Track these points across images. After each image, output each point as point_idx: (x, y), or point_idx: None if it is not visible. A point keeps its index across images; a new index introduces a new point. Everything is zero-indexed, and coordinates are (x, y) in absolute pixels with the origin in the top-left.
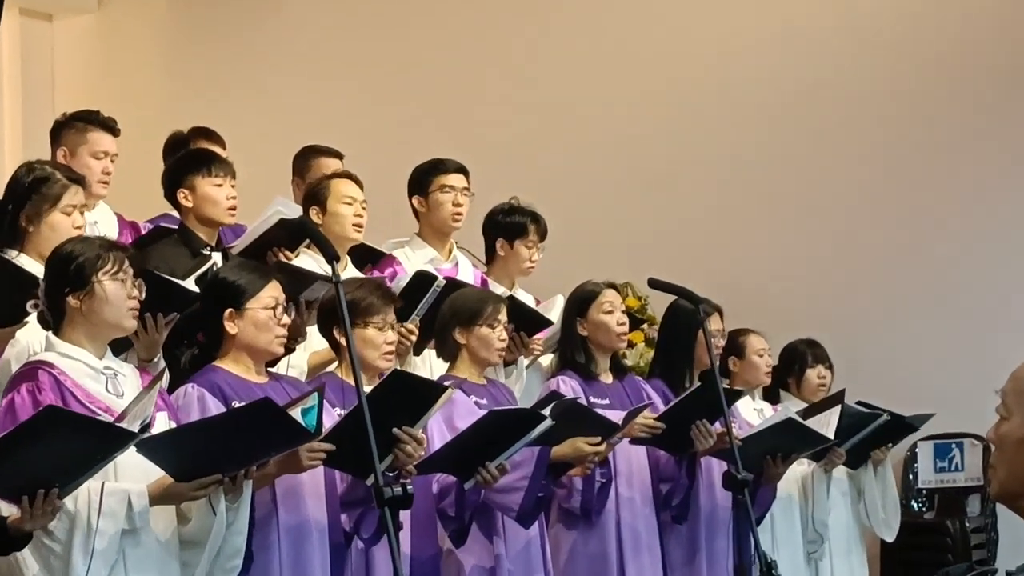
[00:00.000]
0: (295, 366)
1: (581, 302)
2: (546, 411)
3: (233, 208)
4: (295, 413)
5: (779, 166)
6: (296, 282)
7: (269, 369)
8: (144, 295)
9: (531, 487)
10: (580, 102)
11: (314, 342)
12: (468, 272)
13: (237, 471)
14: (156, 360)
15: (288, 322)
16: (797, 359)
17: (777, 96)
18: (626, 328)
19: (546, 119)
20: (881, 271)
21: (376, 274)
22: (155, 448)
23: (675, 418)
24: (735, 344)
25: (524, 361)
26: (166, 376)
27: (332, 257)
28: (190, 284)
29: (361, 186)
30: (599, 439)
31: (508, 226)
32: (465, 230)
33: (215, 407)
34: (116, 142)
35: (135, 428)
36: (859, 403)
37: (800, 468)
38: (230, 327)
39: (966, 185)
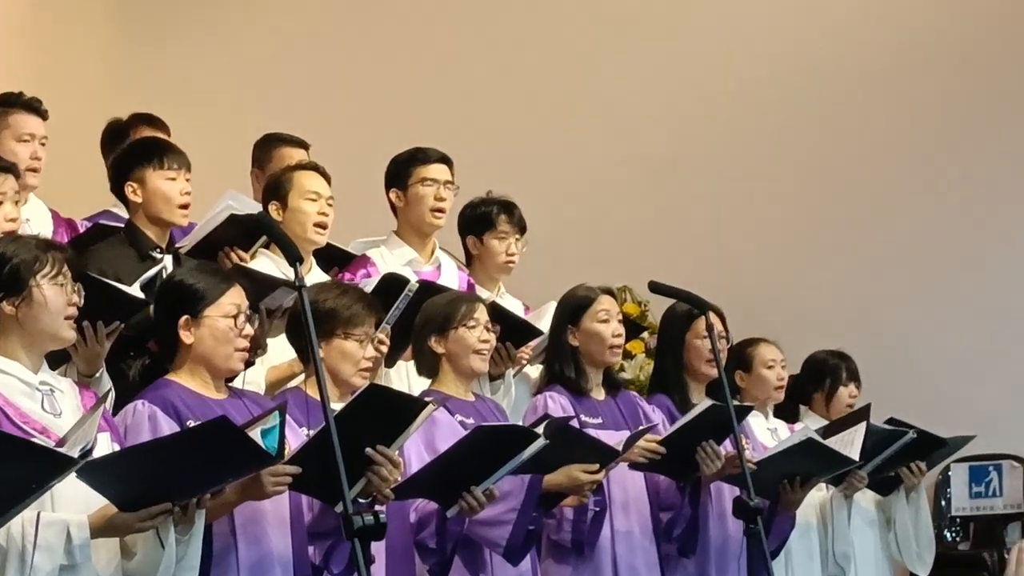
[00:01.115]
0: (252, 382)
1: (573, 309)
2: (540, 428)
3: (186, 206)
4: (254, 434)
5: (795, 155)
6: (256, 288)
7: (229, 384)
8: (83, 302)
9: (520, 520)
10: (574, 87)
11: (271, 356)
12: (452, 275)
13: (189, 499)
14: (98, 375)
15: (250, 332)
16: (829, 373)
17: (795, 78)
18: (622, 340)
19: (537, 106)
20: (910, 274)
21: (347, 278)
22: (97, 474)
23: (679, 442)
24: (742, 356)
25: (511, 375)
26: (112, 391)
27: (295, 259)
28: (135, 290)
29: (328, 180)
30: (596, 466)
31: (475, 220)
32: (450, 230)
33: (168, 427)
34: (45, 126)
35: (75, 453)
36: (889, 421)
37: (819, 494)
38: (185, 336)
39: (1010, 179)
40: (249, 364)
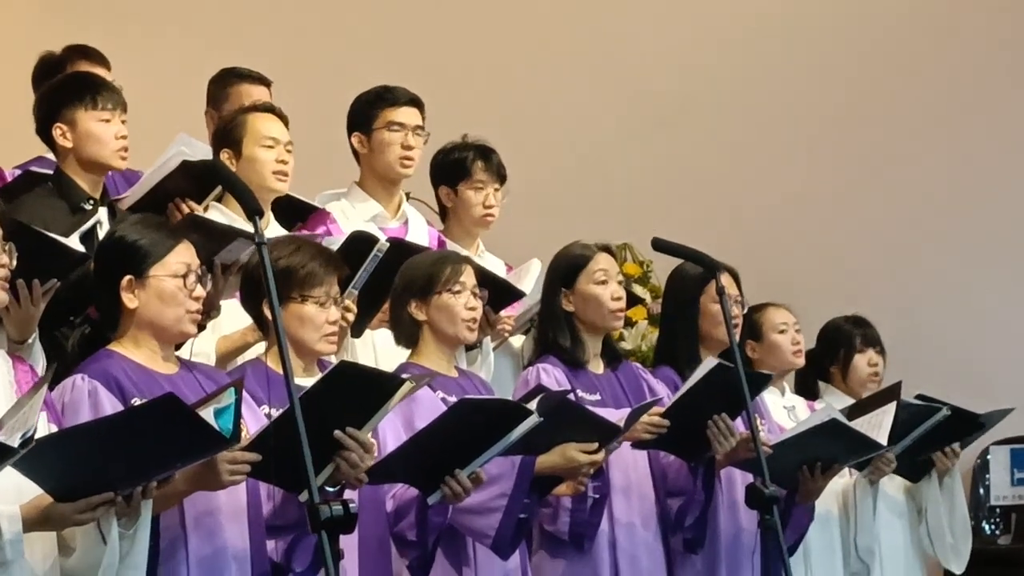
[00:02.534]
0: (200, 353)
1: (567, 270)
2: (533, 403)
3: (124, 149)
4: (207, 414)
5: (812, 101)
6: (211, 240)
7: (179, 356)
8: (15, 262)
9: (510, 507)
10: (565, 16)
11: (222, 323)
12: (421, 231)
13: (133, 488)
14: (30, 342)
15: (202, 294)
16: (841, 342)
17: (821, 14)
18: (623, 304)
19: (520, 38)
20: (943, 233)
21: (305, 234)
22: (30, 459)
23: (686, 413)
24: (750, 324)
25: (490, 343)
26: (42, 357)
27: (253, 211)
28: (75, 242)
29: (286, 122)
30: (595, 446)
31: (449, 168)
32: (420, 180)
33: (111, 405)
34: None
35: (15, 442)
36: (919, 397)
37: (840, 480)
38: (128, 300)
39: None
40: (200, 328)
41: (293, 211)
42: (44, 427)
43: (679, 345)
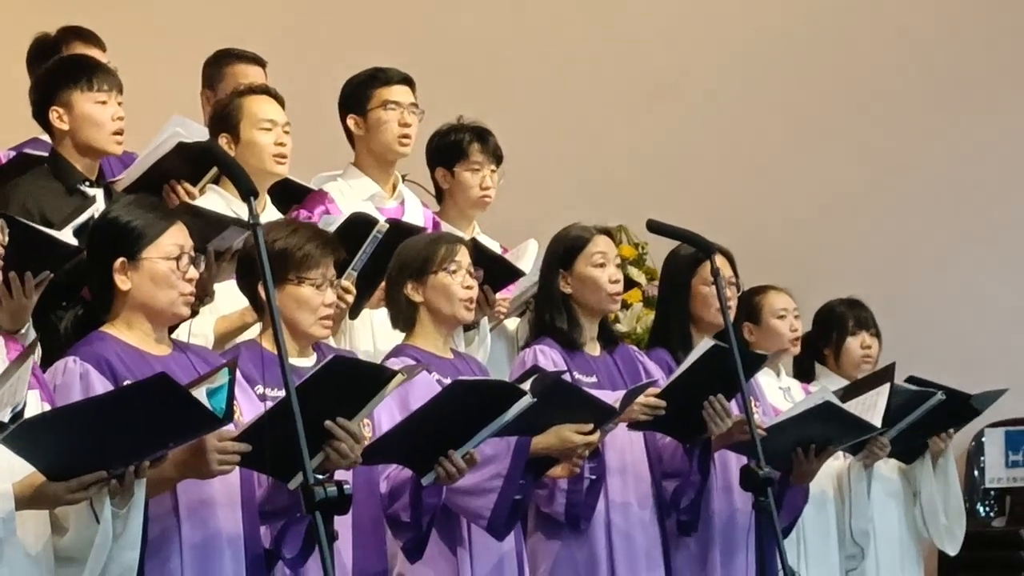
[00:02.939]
0: (198, 335)
1: (565, 252)
2: (527, 384)
3: (119, 132)
4: (199, 393)
5: (809, 83)
6: (205, 227)
7: (174, 337)
8: (7, 247)
9: (506, 488)
10: (561, 2)
11: (220, 305)
12: (417, 212)
13: (125, 467)
14: (23, 332)
15: (195, 276)
16: (835, 324)
17: None
18: (620, 287)
19: (515, 17)
20: (939, 215)
21: (303, 216)
22: (22, 438)
23: (682, 394)
24: (749, 306)
25: (487, 324)
26: (39, 348)
27: (249, 193)
28: (67, 235)
29: (282, 103)
30: (590, 426)
31: (445, 149)
32: (415, 159)
33: (102, 387)
34: None
35: (5, 417)
36: (910, 379)
37: (835, 463)
38: (121, 282)
39: None
40: (194, 313)
41: (289, 194)
42: (37, 406)
43: (672, 327)
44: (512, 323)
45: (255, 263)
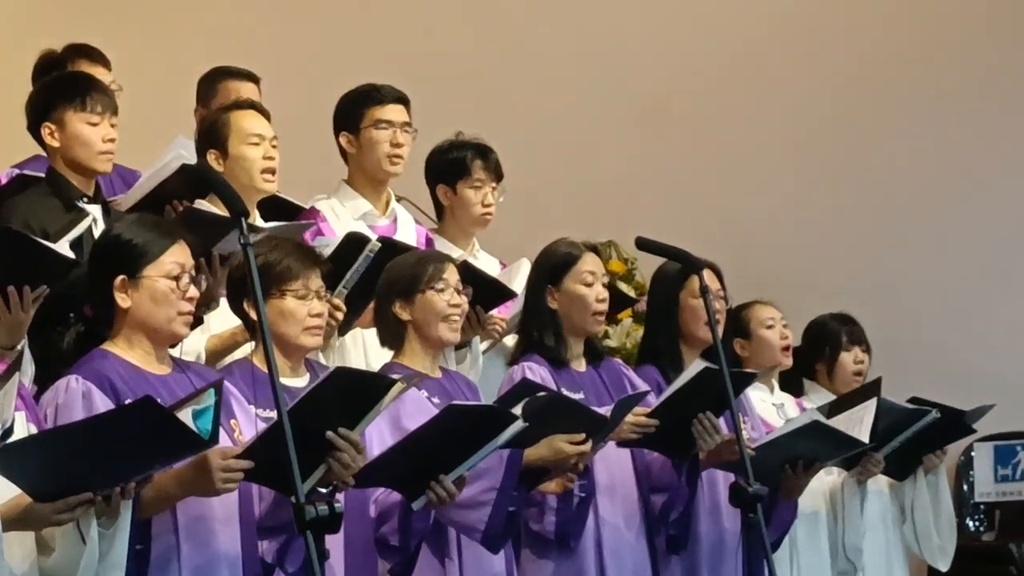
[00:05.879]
0: (189, 352)
1: (554, 268)
2: (518, 407)
3: (108, 153)
4: (185, 415)
5: (799, 99)
6: (208, 232)
7: (173, 356)
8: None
9: (500, 500)
10: (552, 15)
11: (211, 324)
12: (410, 230)
13: (112, 488)
14: (19, 348)
15: (195, 295)
16: (828, 339)
17: (808, 15)
18: (606, 307)
19: (508, 37)
20: (929, 231)
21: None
22: (8, 460)
23: (672, 413)
24: (738, 321)
25: (480, 344)
26: (31, 366)
27: (240, 213)
28: (64, 247)
29: (268, 117)
30: (582, 436)
31: (446, 167)
32: (410, 178)
33: (104, 405)
34: None
35: None
36: (912, 400)
37: (828, 479)
38: (121, 299)
39: None
40: (199, 321)
41: (279, 211)
42: (23, 427)
43: (660, 343)
44: (511, 340)
45: (242, 282)
